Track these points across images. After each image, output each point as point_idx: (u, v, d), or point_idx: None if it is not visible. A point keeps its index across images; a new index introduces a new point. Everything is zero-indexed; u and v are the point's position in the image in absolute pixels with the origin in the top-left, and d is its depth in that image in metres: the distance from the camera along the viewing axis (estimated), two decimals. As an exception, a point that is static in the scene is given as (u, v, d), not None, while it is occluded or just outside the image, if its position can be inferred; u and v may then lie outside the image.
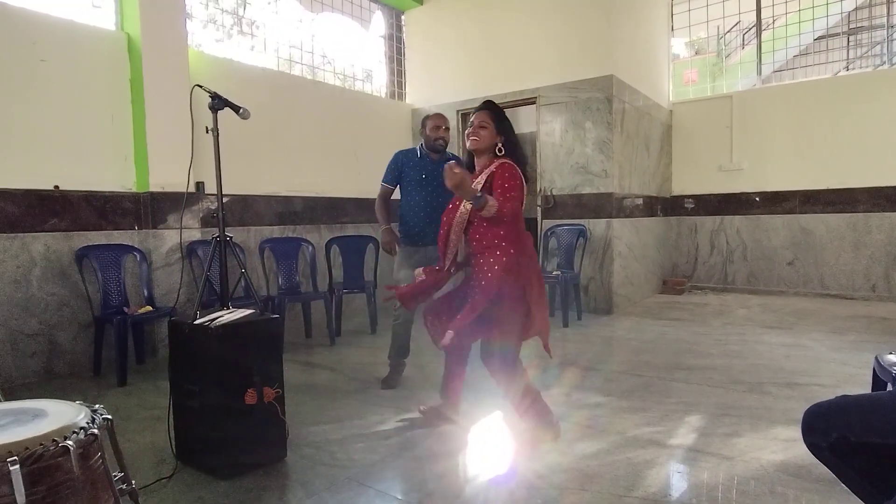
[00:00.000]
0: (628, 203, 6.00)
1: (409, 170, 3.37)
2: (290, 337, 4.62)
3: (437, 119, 3.34)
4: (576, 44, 5.68)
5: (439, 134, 3.31)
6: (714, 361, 3.78)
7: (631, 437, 2.53)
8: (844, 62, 8.36)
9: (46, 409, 1.36)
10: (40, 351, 3.69)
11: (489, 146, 2.44)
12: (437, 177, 3.25)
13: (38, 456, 1.17)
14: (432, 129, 3.32)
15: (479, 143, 2.43)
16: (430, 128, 3.33)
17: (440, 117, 3.36)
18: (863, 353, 3.81)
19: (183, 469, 2.27)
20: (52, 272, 3.73)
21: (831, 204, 6.33)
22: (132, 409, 3.06)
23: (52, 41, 3.74)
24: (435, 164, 3.31)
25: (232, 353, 2.20)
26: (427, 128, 3.34)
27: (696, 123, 7.14)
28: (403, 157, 3.42)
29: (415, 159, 3.38)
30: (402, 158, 3.41)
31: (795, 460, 2.22)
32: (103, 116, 4.01)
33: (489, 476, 2.21)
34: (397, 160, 3.42)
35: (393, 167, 3.43)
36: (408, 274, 3.27)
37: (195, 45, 4.70)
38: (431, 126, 3.32)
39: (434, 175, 3.27)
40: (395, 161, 3.43)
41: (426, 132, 3.35)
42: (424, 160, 3.36)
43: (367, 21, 6.68)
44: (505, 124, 2.46)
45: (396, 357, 3.43)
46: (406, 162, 3.39)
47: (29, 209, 3.64)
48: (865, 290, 6.16)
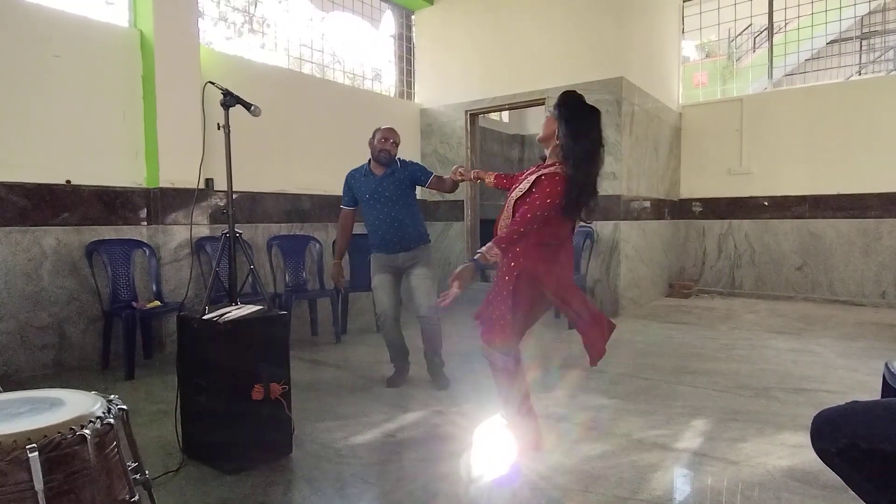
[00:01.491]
0: (636, 205, 5.98)
1: (358, 190, 3.40)
2: (296, 334, 4.62)
3: (385, 132, 3.32)
4: (586, 45, 5.67)
5: (386, 146, 3.29)
6: (721, 366, 3.76)
7: (636, 440, 2.53)
8: (857, 66, 8.30)
9: (63, 398, 1.38)
10: (50, 343, 3.72)
11: (547, 136, 2.25)
12: (384, 191, 3.31)
13: (56, 444, 1.18)
14: (379, 140, 3.30)
15: (540, 135, 2.29)
16: (377, 139, 3.31)
17: (390, 131, 3.34)
18: (872, 359, 3.78)
19: (189, 463, 2.28)
20: (62, 266, 3.76)
21: (841, 209, 6.28)
22: (139, 402, 3.08)
23: (66, 37, 3.77)
24: (380, 179, 3.32)
25: (239, 348, 2.22)
26: (375, 138, 3.33)
27: (706, 126, 7.11)
28: (352, 177, 3.44)
29: (360, 178, 3.38)
30: (351, 179, 3.43)
31: (802, 466, 2.21)
32: (115, 112, 4.04)
33: (493, 476, 2.21)
34: (348, 181, 3.45)
35: (346, 189, 3.45)
36: (382, 279, 3.36)
37: (206, 43, 4.73)
38: (379, 137, 3.31)
39: (380, 190, 3.30)
40: (346, 182, 3.46)
41: (374, 143, 3.33)
42: (369, 177, 3.36)
43: (378, 20, 6.70)
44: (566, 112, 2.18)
45: (398, 360, 3.45)
46: (354, 183, 3.41)
47: (41, 203, 3.67)
48: (875, 297, 6.11)
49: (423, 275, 3.34)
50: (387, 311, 3.37)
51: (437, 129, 6.68)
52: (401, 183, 3.33)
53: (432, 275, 3.39)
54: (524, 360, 2.41)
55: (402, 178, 3.34)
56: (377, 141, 3.31)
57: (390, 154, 3.31)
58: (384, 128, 3.35)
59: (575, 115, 2.17)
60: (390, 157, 3.32)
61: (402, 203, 3.33)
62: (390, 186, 3.31)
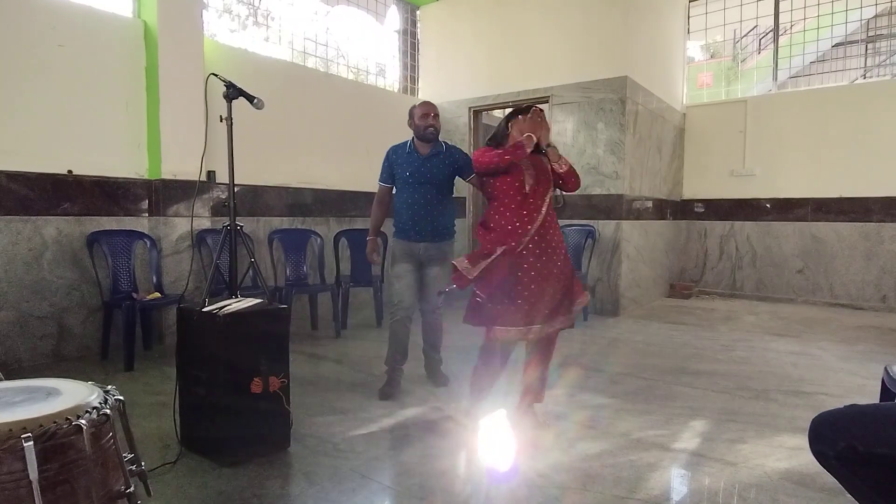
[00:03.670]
0: (638, 205, 5.97)
1: (398, 167, 3.20)
2: (296, 328, 4.62)
3: (425, 107, 3.14)
4: (591, 44, 5.65)
5: (429, 122, 3.10)
6: (720, 367, 3.76)
7: (634, 440, 2.53)
8: (862, 70, 8.27)
9: (60, 388, 1.37)
10: (49, 333, 3.72)
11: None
12: (426, 171, 3.13)
13: (52, 433, 1.18)
14: (421, 117, 3.11)
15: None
16: (418, 116, 3.12)
17: (428, 104, 3.17)
18: (871, 363, 3.78)
19: (187, 455, 2.28)
20: (63, 256, 3.77)
21: (844, 213, 6.27)
22: (138, 393, 3.08)
23: (70, 27, 3.76)
24: (424, 159, 3.15)
25: (239, 341, 2.22)
26: (415, 117, 3.14)
27: (710, 127, 7.09)
28: (394, 152, 3.25)
29: (403, 155, 3.20)
30: (393, 155, 3.25)
31: (800, 469, 2.21)
32: (118, 103, 4.03)
33: (491, 473, 2.22)
34: (389, 156, 3.26)
35: (386, 165, 3.26)
36: (401, 268, 3.17)
37: (210, 35, 4.72)
38: (420, 114, 3.12)
39: (422, 171, 3.13)
40: (387, 158, 3.27)
41: (415, 122, 3.14)
42: (412, 156, 3.17)
43: (382, 15, 6.68)
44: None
45: (394, 362, 3.18)
46: (396, 158, 3.22)
47: (42, 193, 3.67)
48: (875, 301, 6.10)
49: (439, 274, 3.16)
50: (405, 303, 3.14)
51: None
52: (446, 168, 3.16)
53: (448, 274, 3.13)
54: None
55: (448, 164, 3.16)
56: (418, 118, 3.11)
57: (436, 129, 3.13)
58: (421, 102, 3.20)
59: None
60: (437, 132, 3.14)
61: (442, 189, 3.17)
62: (433, 168, 3.13)
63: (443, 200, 3.19)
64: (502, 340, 2.46)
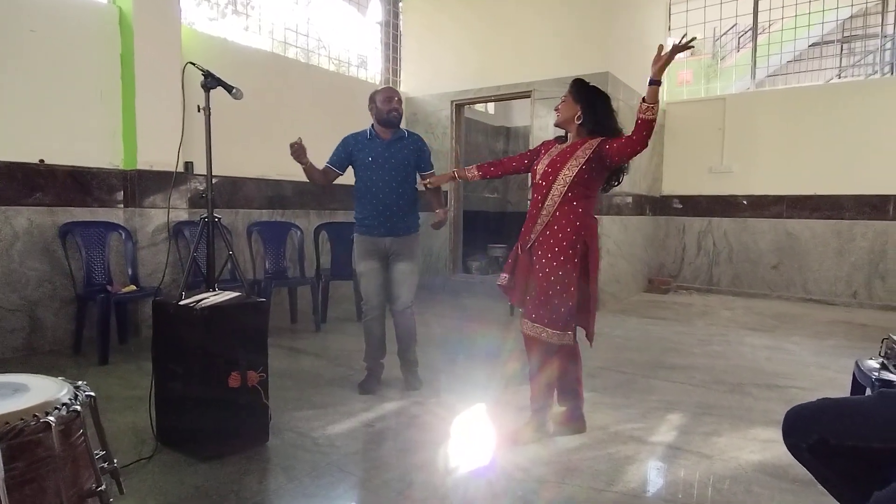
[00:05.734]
0: (618, 201, 6.02)
1: (359, 152, 3.05)
2: (275, 322, 4.57)
3: (386, 91, 3.04)
4: (573, 39, 5.66)
5: (392, 105, 3.00)
6: (696, 361, 3.82)
7: (612, 433, 2.55)
8: (837, 70, 8.43)
9: (28, 384, 1.34)
10: (20, 327, 3.63)
11: (567, 118, 2.50)
12: (390, 157, 3.02)
13: (19, 431, 1.15)
14: (384, 101, 3.00)
15: (559, 119, 2.54)
16: (381, 100, 3.01)
17: (390, 90, 3.08)
18: (842, 357, 3.87)
19: (163, 450, 2.25)
20: (34, 247, 3.67)
21: (817, 210, 6.40)
22: (113, 388, 3.02)
23: (42, 11, 3.65)
24: (387, 144, 3.03)
25: (217, 335, 2.18)
26: (378, 101, 3.02)
27: (689, 124, 7.17)
28: (353, 138, 3.10)
29: (364, 141, 3.06)
30: (352, 141, 3.10)
31: (773, 461, 2.25)
32: (92, 90, 3.93)
33: (470, 467, 2.22)
34: (347, 142, 3.11)
35: (340, 149, 3.12)
36: (369, 266, 3.08)
37: (188, 23, 4.62)
38: (383, 98, 3.01)
39: (385, 156, 3.00)
40: (343, 143, 3.12)
41: (377, 105, 3.02)
42: (374, 141, 3.04)
43: (364, 6, 6.61)
44: (585, 95, 2.47)
45: (373, 359, 3.15)
46: (356, 144, 3.07)
47: (12, 182, 3.56)
48: (847, 297, 6.25)
49: (407, 270, 3.08)
50: (374, 302, 3.09)
51: (422, 118, 6.63)
52: (410, 153, 3.07)
53: (416, 269, 3.17)
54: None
55: (412, 150, 3.08)
56: (380, 103, 3.01)
57: (399, 113, 3.05)
58: (383, 87, 3.10)
59: (597, 97, 2.50)
60: (400, 116, 3.06)
61: (405, 176, 3.06)
62: (397, 154, 3.03)
63: (407, 188, 3.08)
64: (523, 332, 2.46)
